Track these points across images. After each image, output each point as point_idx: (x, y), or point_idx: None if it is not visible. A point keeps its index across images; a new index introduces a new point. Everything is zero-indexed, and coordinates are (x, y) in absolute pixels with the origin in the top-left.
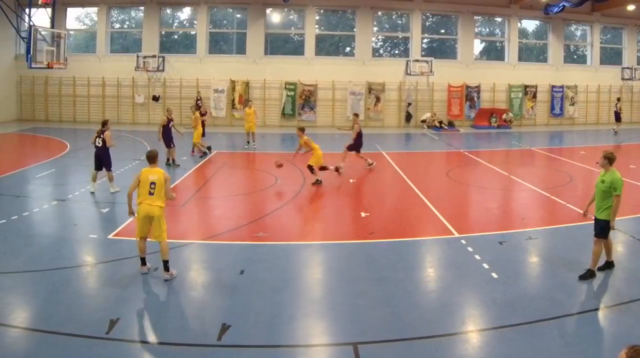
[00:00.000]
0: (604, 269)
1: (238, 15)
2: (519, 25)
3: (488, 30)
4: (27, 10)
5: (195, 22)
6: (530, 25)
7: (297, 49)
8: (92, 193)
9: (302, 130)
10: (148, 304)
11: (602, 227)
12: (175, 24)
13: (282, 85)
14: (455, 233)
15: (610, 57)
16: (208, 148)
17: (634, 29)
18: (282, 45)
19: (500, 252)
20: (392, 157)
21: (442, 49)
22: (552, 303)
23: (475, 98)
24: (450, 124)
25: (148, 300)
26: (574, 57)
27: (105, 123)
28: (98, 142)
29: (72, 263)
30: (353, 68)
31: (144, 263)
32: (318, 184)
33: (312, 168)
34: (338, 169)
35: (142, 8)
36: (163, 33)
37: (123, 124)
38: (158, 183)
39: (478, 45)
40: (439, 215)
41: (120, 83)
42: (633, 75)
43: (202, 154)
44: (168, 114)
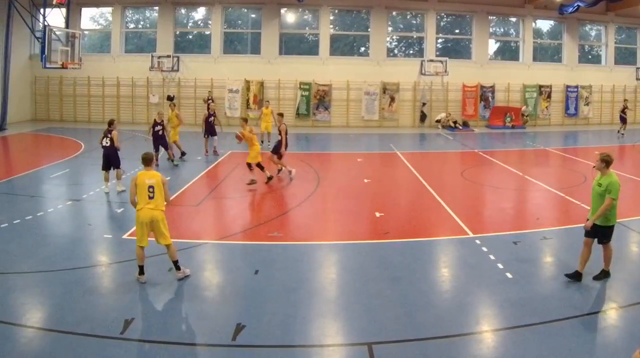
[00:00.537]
0: (601, 279)
1: (253, 15)
2: (534, 25)
3: (502, 30)
4: (41, 10)
5: (210, 22)
6: (545, 25)
7: (311, 49)
8: (106, 193)
9: (245, 121)
10: (162, 304)
11: (606, 233)
12: (190, 24)
13: (296, 85)
14: (470, 233)
15: (625, 57)
16: (183, 153)
17: None
18: (296, 45)
19: (515, 252)
20: (406, 157)
21: (456, 49)
22: (566, 303)
23: (490, 98)
24: (465, 124)
25: (162, 300)
26: (589, 57)
27: (112, 123)
28: (105, 141)
29: (86, 263)
30: (367, 68)
31: (142, 272)
32: (252, 184)
33: (250, 165)
34: (271, 178)
35: (156, 8)
36: (177, 33)
37: (137, 124)
38: (156, 186)
39: (492, 45)
40: (454, 215)
41: (135, 83)
42: None
43: (181, 155)
44: (158, 118)
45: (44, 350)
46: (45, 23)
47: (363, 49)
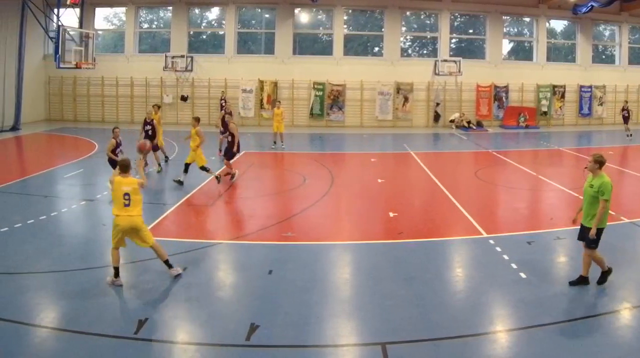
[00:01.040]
0: (577, 284)
1: (266, 15)
2: (547, 25)
3: (516, 30)
4: (55, 10)
5: (224, 22)
6: (559, 25)
7: (325, 49)
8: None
9: (197, 121)
10: (176, 304)
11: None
12: (204, 24)
13: (310, 85)
14: (484, 233)
15: (639, 56)
16: (166, 158)
17: None
18: (310, 45)
19: (529, 251)
20: (420, 157)
21: (470, 49)
22: (580, 303)
23: (504, 98)
24: (479, 124)
25: (176, 300)
26: (603, 57)
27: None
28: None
29: (100, 263)
30: (381, 68)
31: (118, 274)
32: (218, 181)
33: (205, 169)
34: (218, 178)
35: (170, 8)
36: (191, 33)
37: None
38: (132, 193)
39: (506, 45)
40: (468, 215)
41: (149, 83)
42: None
43: (165, 160)
44: (148, 117)
45: (58, 350)
46: (59, 23)
47: (377, 49)
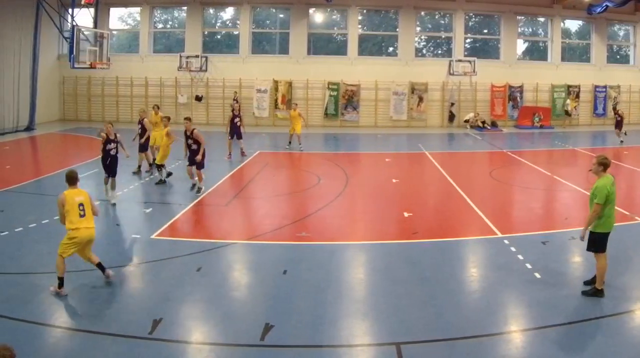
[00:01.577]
0: (592, 284)
1: (281, 15)
2: (562, 25)
3: (531, 30)
4: (70, 10)
5: (238, 22)
6: (573, 25)
7: (339, 49)
8: (113, 204)
9: (168, 119)
10: (191, 304)
11: (593, 240)
12: (218, 24)
13: (324, 85)
14: (498, 233)
15: None
16: (153, 162)
17: None
18: (325, 45)
19: (544, 252)
20: (435, 157)
21: (484, 49)
22: (595, 303)
23: (518, 98)
24: (493, 124)
25: (191, 300)
26: (617, 57)
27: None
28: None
29: (115, 263)
30: (396, 68)
31: (62, 284)
32: (162, 183)
33: (159, 166)
34: (196, 186)
35: (184, 8)
36: (206, 33)
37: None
38: (86, 203)
39: (521, 45)
40: (482, 215)
41: (163, 83)
42: None
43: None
44: (140, 116)
45: (72, 350)
46: (74, 23)
47: (391, 49)
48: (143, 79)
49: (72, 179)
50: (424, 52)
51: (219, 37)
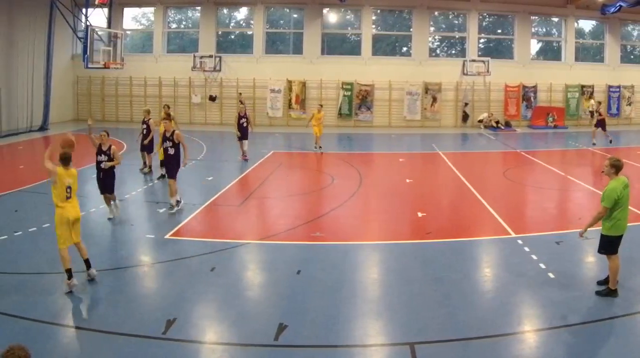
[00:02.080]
0: (605, 283)
1: (295, 15)
2: (576, 25)
3: (545, 30)
4: (83, 10)
5: (252, 22)
6: (587, 25)
7: (353, 49)
8: (110, 219)
9: (148, 113)
10: (205, 304)
11: (604, 243)
12: (232, 24)
13: (338, 85)
14: (512, 233)
15: None
16: (162, 176)
17: None
18: (338, 45)
19: (557, 252)
20: (448, 157)
21: (498, 49)
22: (609, 303)
23: (532, 98)
24: (507, 124)
25: (205, 300)
26: (631, 57)
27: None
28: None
29: (129, 263)
30: (410, 68)
31: (72, 275)
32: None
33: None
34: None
35: (198, 8)
36: (220, 33)
37: (180, 124)
38: (73, 187)
39: (535, 45)
40: (496, 215)
41: (177, 83)
42: None
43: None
44: (145, 115)
45: (86, 350)
46: (88, 23)
47: (405, 49)
48: (157, 79)
49: (66, 160)
50: (438, 52)
51: (233, 37)
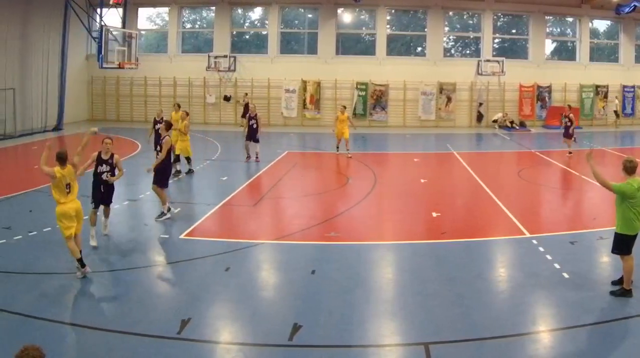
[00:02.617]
0: (620, 283)
1: (309, 15)
2: (590, 25)
3: (559, 30)
4: (98, 10)
5: (267, 22)
6: (602, 25)
7: (368, 49)
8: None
9: (186, 113)
10: (219, 304)
11: (617, 241)
12: (247, 24)
13: (353, 85)
14: (527, 233)
15: None
16: (177, 171)
17: None
18: (353, 45)
19: (572, 251)
20: (463, 157)
21: (513, 49)
22: (623, 303)
23: (547, 98)
24: (522, 124)
25: (219, 300)
26: None
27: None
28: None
29: (143, 263)
30: (424, 68)
31: (83, 264)
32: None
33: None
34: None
35: (213, 8)
36: (234, 33)
37: (195, 124)
38: (72, 183)
39: (549, 45)
40: (510, 215)
41: (192, 83)
42: None
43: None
44: (157, 115)
45: (101, 350)
46: (102, 23)
47: (420, 49)
48: (171, 79)
49: (62, 159)
50: (453, 52)
51: (248, 37)
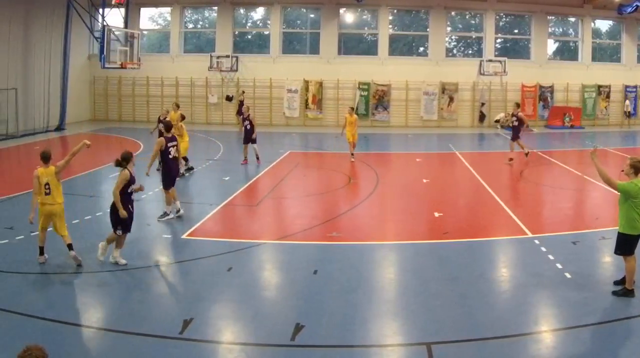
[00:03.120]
0: (622, 283)
1: (311, 15)
2: (593, 25)
3: (561, 30)
4: (100, 10)
5: (269, 22)
6: (604, 25)
7: (370, 49)
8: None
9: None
10: (221, 304)
11: (620, 241)
12: (249, 24)
13: (355, 85)
14: (529, 233)
15: None
16: (189, 168)
17: None
18: (355, 45)
19: (574, 251)
20: (465, 157)
21: (515, 49)
22: (626, 303)
23: (549, 98)
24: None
25: (221, 300)
26: None
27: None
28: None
29: (145, 263)
30: (426, 68)
31: (42, 253)
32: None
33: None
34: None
35: (215, 8)
36: (236, 33)
37: (197, 124)
38: (51, 183)
39: (551, 45)
40: (513, 215)
41: (194, 83)
42: None
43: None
44: (162, 115)
45: (103, 350)
46: (104, 23)
47: (422, 49)
48: (174, 79)
49: (45, 158)
50: (455, 52)
51: (250, 37)
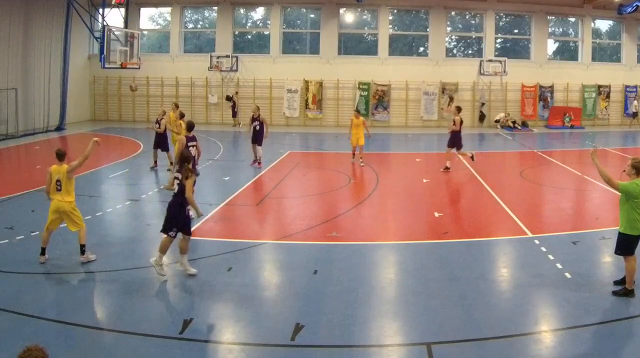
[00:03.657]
0: (622, 283)
1: (311, 15)
2: (593, 25)
3: (561, 30)
4: (100, 10)
5: (269, 22)
6: (604, 25)
7: (370, 49)
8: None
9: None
10: (221, 304)
11: (621, 241)
12: (249, 24)
13: (355, 85)
14: (529, 233)
15: None
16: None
17: None
18: (355, 45)
19: (574, 251)
20: (465, 156)
21: (515, 49)
22: (626, 303)
23: (549, 98)
24: (524, 124)
25: (221, 301)
26: None
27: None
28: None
29: (145, 263)
30: (426, 68)
31: (44, 253)
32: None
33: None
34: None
35: (215, 8)
36: (236, 33)
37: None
38: (63, 180)
39: (551, 45)
40: (513, 215)
41: (194, 83)
42: None
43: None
44: (159, 115)
45: (103, 350)
46: (104, 23)
47: (422, 49)
48: (174, 79)
49: (60, 156)
50: (455, 52)
51: (250, 37)
